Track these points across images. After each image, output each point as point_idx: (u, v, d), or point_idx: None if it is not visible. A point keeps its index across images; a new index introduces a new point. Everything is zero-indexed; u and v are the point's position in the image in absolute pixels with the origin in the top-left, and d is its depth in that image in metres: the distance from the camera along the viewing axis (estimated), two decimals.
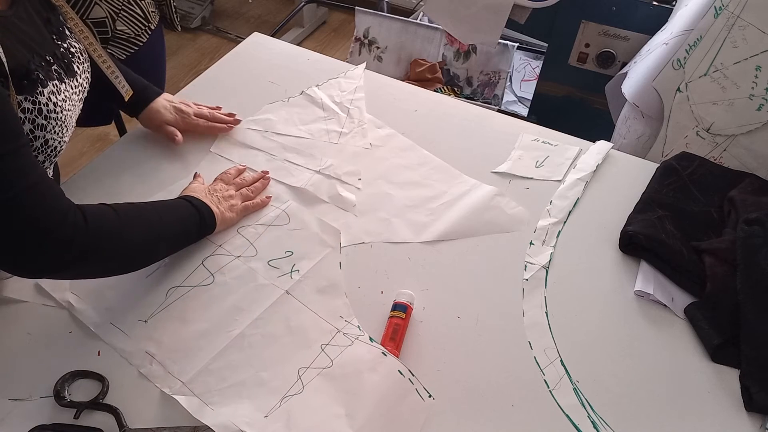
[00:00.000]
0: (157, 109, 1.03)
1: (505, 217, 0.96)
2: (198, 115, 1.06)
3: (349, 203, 0.97)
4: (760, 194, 0.96)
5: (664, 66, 1.18)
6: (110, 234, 0.71)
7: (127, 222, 0.74)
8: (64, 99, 0.77)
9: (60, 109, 0.76)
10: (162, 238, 0.80)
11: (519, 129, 1.13)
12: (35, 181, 0.63)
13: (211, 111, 1.08)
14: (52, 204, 0.65)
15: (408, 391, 0.73)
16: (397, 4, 2.76)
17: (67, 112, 0.78)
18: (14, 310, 0.80)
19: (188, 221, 0.85)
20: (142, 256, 0.78)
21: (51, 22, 0.80)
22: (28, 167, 0.63)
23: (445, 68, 1.98)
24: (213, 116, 1.07)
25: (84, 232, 0.67)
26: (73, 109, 0.81)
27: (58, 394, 0.71)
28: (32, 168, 0.64)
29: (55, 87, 0.76)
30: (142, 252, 0.78)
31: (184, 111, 1.05)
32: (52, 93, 0.75)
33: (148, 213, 0.78)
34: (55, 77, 0.76)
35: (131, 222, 0.75)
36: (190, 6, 2.90)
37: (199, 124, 1.05)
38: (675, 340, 0.81)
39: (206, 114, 1.07)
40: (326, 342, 0.78)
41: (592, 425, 0.72)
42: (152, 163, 1.02)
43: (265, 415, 0.71)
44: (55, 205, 0.65)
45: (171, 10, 1.31)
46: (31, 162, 0.65)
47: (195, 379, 0.74)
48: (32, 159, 0.65)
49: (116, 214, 0.73)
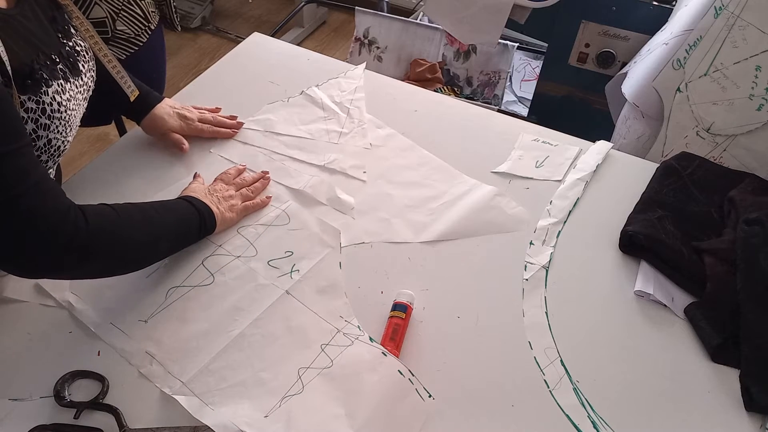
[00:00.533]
0: (161, 116, 1.02)
1: (506, 217, 0.96)
2: (202, 120, 1.06)
3: (348, 206, 0.97)
4: (760, 194, 0.96)
5: (664, 66, 1.18)
6: (111, 233, 0.71)
7: (127, 222, 0.74)
8: (68, 98, 0.77)
9: (64, 108, 0.76)
10: (162, 238, 0.80)
11: (519, 129, 1.13)
12: (36, 180, 0.63)
13: (214, 115, 1.08)
14: (53, 204, 0.65)
15: (408, 391, 0.73)
16: (397, 4, 2.76)
17: (71, 111, 0.78)
18: (14, 310, 0.80)
19: (189, 221, 0.84)
20: (143, 255, 0.78)
21: (57, 20, 0.79)
22: (30, 167, 0.63)
23: (445, 68, 1.98)
24: (217, 121, 1.07)
25: (84, 232, 0.66)
26: (77, 109, 0.80)
27: (58, 394, 0.71)
28: (34, 168, 0.64)
29: (60, 86, 0.75)
30: (142, 252, 0.77)
31: (188, 117, 1.04)
32: (56, 92, 0.74)
33: (149, 213, 0.78)
34: (60, 76, 0.76)
35: (132, 222, 0.75)
36: (190, 6, 2.90)
37: (204, 129, 1.05)
38: (675, 340, 0.81)
39: (209, 119, 1.07)
40: (326, 342, 0.78)
41: (592, 425, 0.72)
42: (152, 164, 1.02)
43: (265, 415, 0.71)
44: (56, 205, 0.65)
45: (171, 10, 1.31)
46: (33, 162, 0.65)
47: (195, 379, 0.74)
48: (34, 159, 0.65)
49: (116, 214, 0.73)
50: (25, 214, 0.62)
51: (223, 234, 0.91)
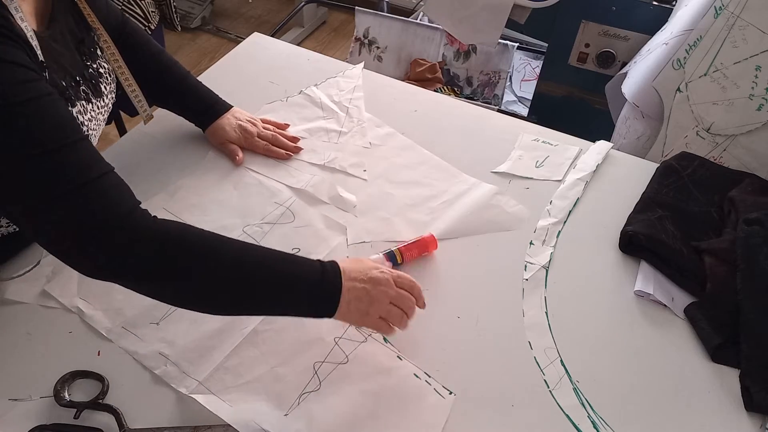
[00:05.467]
0: (222, 127, 1.02)
1: (506, 216, 0.96)
2: (261, 136, 1.04)
3: (350, 204, 0.97)
4: (760, 194, 0.96)
5: (664, 66, 1.18)
6: (183, 246, 0.63)
7: (210, 239, 0.65)
8: (90, 119, 0.79)
9: (86, 128, 0.78)
10: (258, 280, 0.66)
11: (519, 129, 1.13)
12: (94, 177, 0.61)
13: (275, 134, 1.05)
14: (114, 203, 0.62)
15: (427, 392, 0.74)
16: (397, 4, 2.76)
17: (92, 131, 0.80)
18: (14, 310, 0.80)
19: (302, 279, 0.68)
20: (226, 293, 0.65)
21: (85, 42, 0.81)
22: (89, 161, 0.62)
23: (445, 68, 1.98)
24: (275, 139, 1.05)
25: (149, 237, 0.61)
26: (97, 129, 0.82)
27: (58, 394, 0.71)
28: (95, 162, 0.62)
29: (82, 107, 0.77)
30: (227, 285, 0.65)
31: (248, 131, 1.03)
32: (79, 112, 0.76)
33: (248, 248, 0.68)
34: (82, 97, 0.78)
35: (218, 243, 0.65)
36: (190, 6, 2.90)
37: (259, 146, 1.04)
38: (675, 340, 0.81)
39: (268, 137, 1.05)
40: (339, 335, 0.79)
41: (592, 425, 0.72)
42: (152, 164, 1.02)
43: (285, 414, 0.71)
44: (118, 204, 0.62)
45: (171, 10, 1.32)
46: (92, 157, 0.63)
47: (211, 377, 0.74)
48: (93, 154, 0.63)
49: (200, 231, 0.65)
50: (81, 210, 0.60)
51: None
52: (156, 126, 1.07)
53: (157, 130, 1.07)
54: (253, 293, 0.66)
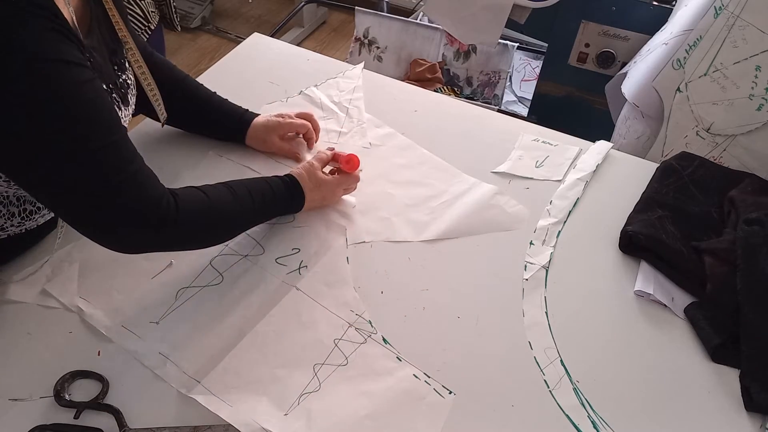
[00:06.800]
0: (259, 123, 1.03)
1: (506, 216, 0.96)
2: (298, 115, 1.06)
3: (349, 204, 0.97)
4: (760, 194, 0.96)
5: (664, 66, 1.18)
6: (199, 212, 0.77)
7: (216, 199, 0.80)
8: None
9: None
10: (248, 212, 0.84)
11: (519, 129, 1.13)
12: (136, 169, 0.70)
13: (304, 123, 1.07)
14: (150, 191, 0.71)
15: (427, 392, 0.74)
16: (397, 4, 2.76)
17: None
18: (14, 310, 0.80)
19: (276, 196, 0.87)
20: (230, 228, 0.83)
21: (116, 53, 0.84)
22: (131, 155, 0.70)
23: (445, 68, 1.99)
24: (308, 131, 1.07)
25: (175, 213, 0.73)
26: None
27: (58, 394, 0.71)
28: (134, 156, 0.70)
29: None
30: (230, 224, 0.83)
31: (282, 114, 1.04)
32: None
33: (238, 190, 0.82)
34: (114, 104, 0.79)
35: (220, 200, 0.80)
36: (190, 6, 2.90)
37: (296, 123, 1.04)
38: (675, 340, 0.81)
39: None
40: (339, 337, 0.79)
41: (592, 425, 0.72)
42: (152, 163, 1.00)
43: (285, 413, 0.71)
44: (152, 191, 0.72)
45: (171, 10, 1.32)
46: (132, 150, 0.70)
47: (211, 377, 0.74)
48: (132, 147, 0.71)
49: (206, 196, 0.79)
50: (126, 200, 0.68)
51: None
52: (155, 126, 1.07)
53: (156, 130, 1.07)
54: (254, 219, 0.87)
